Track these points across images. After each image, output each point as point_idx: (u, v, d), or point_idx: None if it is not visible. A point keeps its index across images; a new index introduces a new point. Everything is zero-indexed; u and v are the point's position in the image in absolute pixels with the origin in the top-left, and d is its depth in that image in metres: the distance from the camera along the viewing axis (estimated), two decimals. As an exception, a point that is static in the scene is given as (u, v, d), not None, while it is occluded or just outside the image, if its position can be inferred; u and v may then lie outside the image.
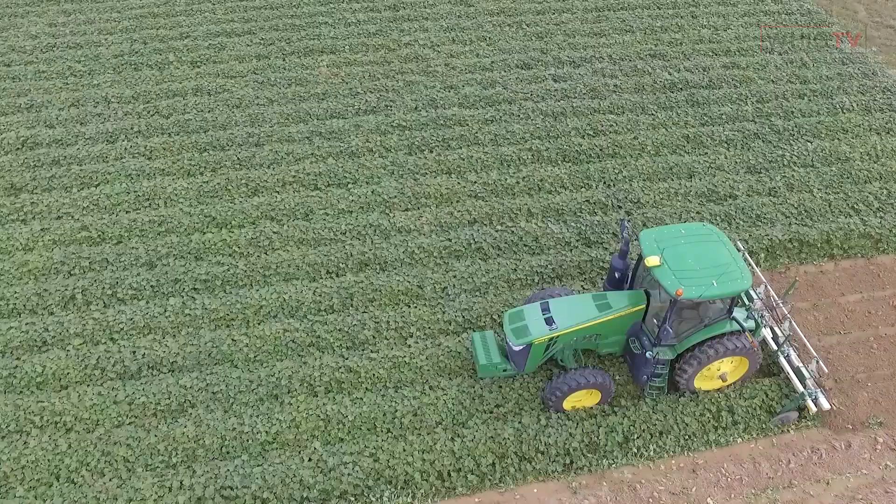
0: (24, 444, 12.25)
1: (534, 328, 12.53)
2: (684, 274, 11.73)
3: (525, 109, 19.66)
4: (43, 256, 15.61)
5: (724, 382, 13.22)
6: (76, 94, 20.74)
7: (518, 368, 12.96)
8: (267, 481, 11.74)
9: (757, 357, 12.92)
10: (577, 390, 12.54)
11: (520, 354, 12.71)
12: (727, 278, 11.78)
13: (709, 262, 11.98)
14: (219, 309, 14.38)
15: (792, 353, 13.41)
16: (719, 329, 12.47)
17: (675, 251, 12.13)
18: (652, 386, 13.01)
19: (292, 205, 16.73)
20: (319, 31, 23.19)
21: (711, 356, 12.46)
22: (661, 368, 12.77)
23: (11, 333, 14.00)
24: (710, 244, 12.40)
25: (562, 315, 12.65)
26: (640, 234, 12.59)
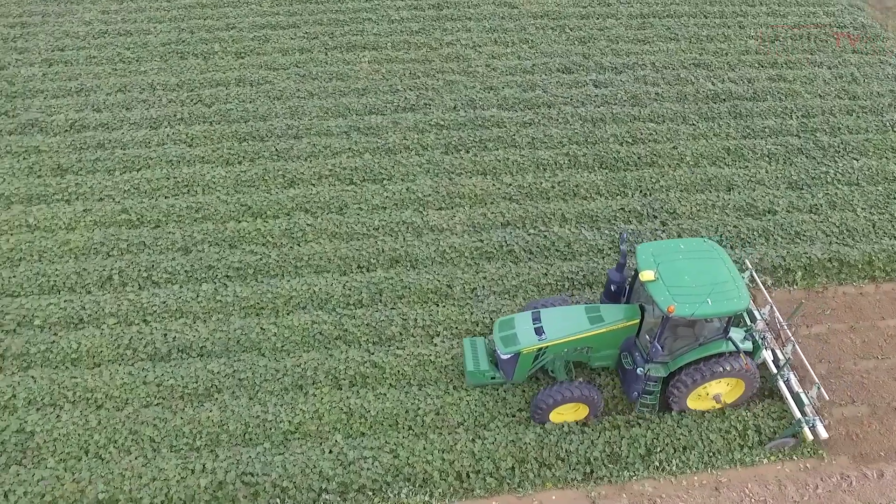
0: (56, 418, 12.58)
1: (523, 337, 12.36)
2: (679, 290, 11.41)
3: (564, 114, 19.53)
4: (84, 236, 16.00)
5: (718, 404, 12.82)
6: (124, 79, 21.22)
7: (507, 377, 12.81)
8: (287, 470, 11.87)
9: (754, 380, 12.49)
10: (563, 403, 12.31)
11: (508, 363, 12.55)
12: (723, 297, 11.41)
13: (706, 280, 11.60)
14: (249, 297, 14.58)
15: (792, 377, 12.95)
16: (714, 349, 12.08)
17: (671, 266, 11.80)
18: (643, 403, 12.74)
19: (327, 198, 16.88)
20: (363, 27, 23.35)
21: (704, 377, 12.11)
22: (652, 386, 12.49)
23: (51, 309, 14.39)
24: (709, 261, 12.02)
25: (552, 325, 12.45)
26: (638, 247, 12.32)
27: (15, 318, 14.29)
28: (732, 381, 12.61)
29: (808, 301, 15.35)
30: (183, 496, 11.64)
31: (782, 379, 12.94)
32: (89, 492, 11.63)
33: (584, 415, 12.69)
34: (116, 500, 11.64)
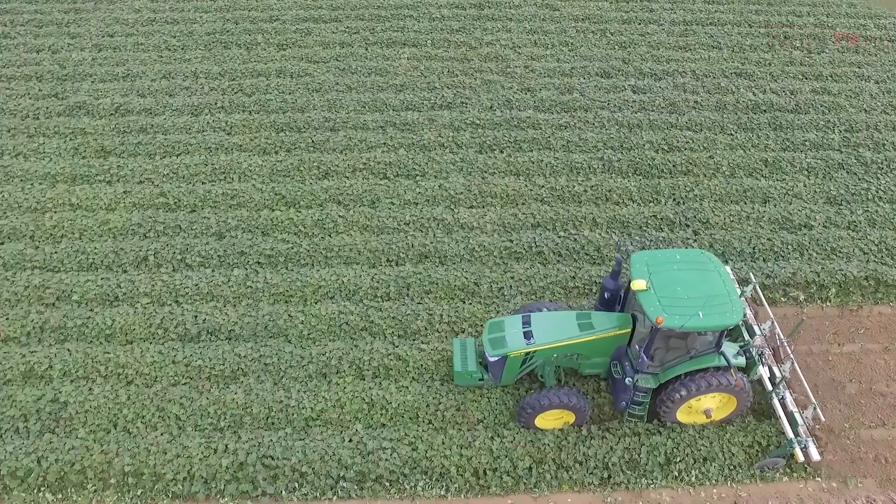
0: (89, 391, 12.97)
1: (511, 341, 12.30)
2: (670, 301, 11.22)
3: (600, 118, 19.45)
4: (123, 217, 16.43)
5: (708, 419, 12.59)
6: (168, 66, 21.71)
7: (494, 380, 12.77)
8: (307, 456, 12.06)
9: (746, 396, 12.24)
10: (548, 409, 12.22)
11: (496, 366, 12.51)
12: (715, 310, 11.18)
13: (699, 292, 11.39)
14: (279, 284, 14.83)
15: (788, 396, 12.60)
16: (705, 363, 11.87)
17: (664, 277, 11.62)
18: (631, 413, 12.59)
19: (360, 191, 17.07)
20: (404, 23, 23.53)
21: (692, 391, 11.92)
22: (642, 397, 12.32)
23: (88, 286, 14.82)
24: (704, 273, 11.79)
25: (541, 330, 12.36)
26: (633, 255, 12.15)
27: (55, 293, 14.76)
28: (724, 396, 12.36)
29: (842, 319, 15.08)
30: (205, 474, 11.91)
31: (777, 397, 12.60)
32: (116, 463, 11.97)
33: (570, 422, 12.59)
34: (141, 474, 11.96)
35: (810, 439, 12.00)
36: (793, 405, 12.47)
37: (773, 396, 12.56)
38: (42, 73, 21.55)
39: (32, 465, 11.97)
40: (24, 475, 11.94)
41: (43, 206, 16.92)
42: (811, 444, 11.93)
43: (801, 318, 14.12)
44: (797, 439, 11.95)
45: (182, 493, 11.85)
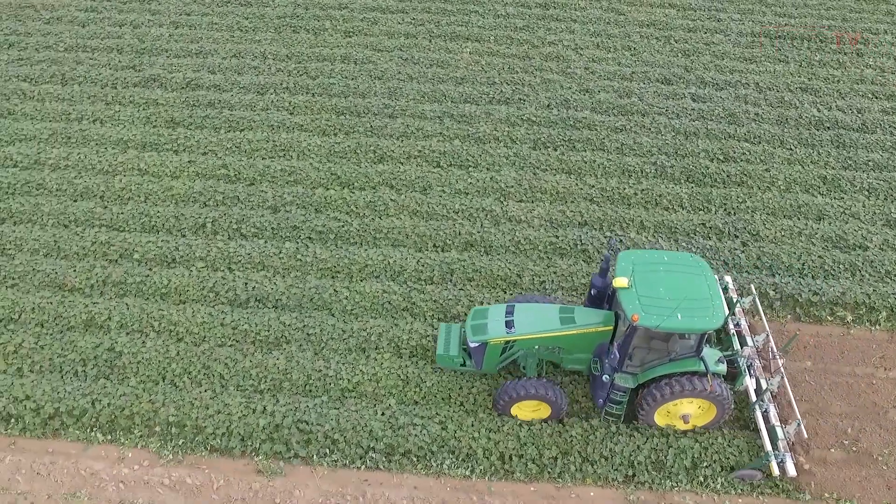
0: (142, 343, 13.71)
1: (492, 328, 12.47)
2: (650, 301, 11.18)
3: (657, 124, 19.41)
4: (186, 185, 17.22)
5: (686, 424, 12.51)
6: (239, 46, 22.56)
7: (476, 366, 12.94)
8: (340, 424, 12.50)
9: (725, 404, 12.11)
10: (523, 399, 12.32)
11: (477, 352, 12.71)
12: (695, 313, 11.09)
13: (681, 294, 11.30)
14: (328, 260, 15.34)
15: (772, 409, 12.44)
16: (684, 366, 11.78)
17: (648, 276, 11.57)
18: (608, 412, 12.58)
19: (413, 177, 17.47)
20: (468, 18, 23.87)
21: (667, 395, 11.86)
22: (620, 396, 12.29)
23: (149, 246, 15.62)
24: (689, 276, 11.69)
25: (523, 321, 12.46)
26: (620, 253, 12.13)
27: (118, 250, 15.61)
28: (705, 403, 12.26)
29: (892, 344, 14.76)
30: (242, 432, 12.48)
31: (760, 409, 12.45)
32: (161, 413, 12.65)
33: (547, 415, 12.64)
34: (184, 425, 12.61)
35: (788, 454, 11.85)
36: (775, 419, 12.34)
37: (756, 408, 12.44)
38: (122, 45, 22.65)
39: (87, 406, 12.75)
40: (80, 414, 12.73)
41: (114, 170, 17.86)
42: (788, 459, 11.79)
43: (795, 332, 13.93)
44: (774, 453, 11.82)
45: (220, 447, 12.45)
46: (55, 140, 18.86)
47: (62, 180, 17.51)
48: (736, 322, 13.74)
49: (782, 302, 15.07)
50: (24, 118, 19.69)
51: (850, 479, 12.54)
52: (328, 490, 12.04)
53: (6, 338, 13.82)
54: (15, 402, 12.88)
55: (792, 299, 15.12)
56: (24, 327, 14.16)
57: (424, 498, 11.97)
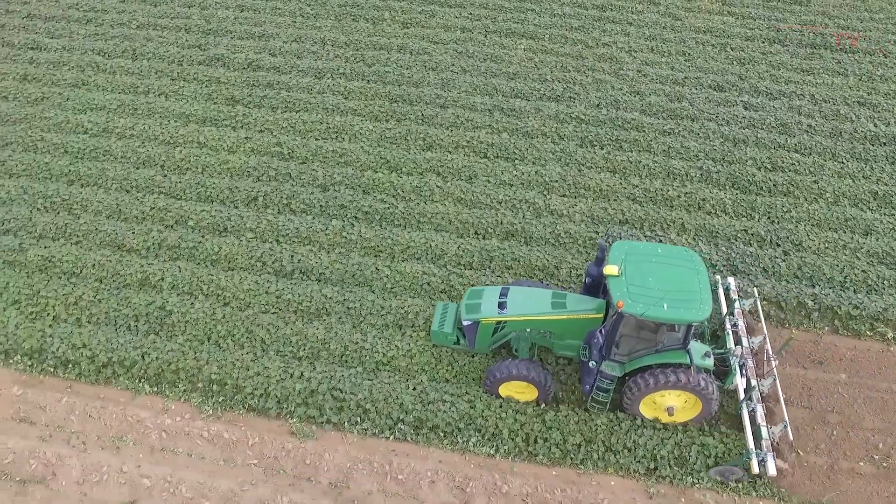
0: (191, 305, 14.42)
1: (485, 308, 12.75)
2: (637, 290, 11.28)
3: (706, 129, 19.40)
4: (241, 160, 17.96)
5: (670, 417, 12.60)
6: (300, 31, 23.29)
7: (469, 345, 13.26)
8: (372, 395, 12.97)
9: (710, 400, 12.16)
10: (510, 379, 12.56)
11: (469, 330, 13.03)
12: (681, 304, 11.18)
13: (670, 286, 11.38)
14: (371, 239, 15.85)
15: (759, 409, 12.41)
16: (669, 358, 11.87)
17: (639, 266, 11.68)
18: (595, 399, 12.68)
19: (459, 166, 17.87)
20: (525, 16, 24.15)
21: (650, 385, 11.98)
22: (606, 384, 12.39)
23: (203, 215, 16.38)
24: (681, 269, 11.74)
25: (515, 303, 12.70)
26: (615, 243, 12.25)
27: (174, 217, 16.41)
28: (691, 398, 12.33)
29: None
30: (279, 394, 13.06)
31: (747, 408, 12.47)
32: (205, 370, 13.32)
33: (534, 397, 12.87)
34: (224, 384, 13.25)
35: (770, 454, 11.87)
36: (762, 419, 12.35)
37: (743, 407, 12.48)
38: (190, 25, 23.61)
39: (137, 359, 13.50)
40: (130, 366, 13.50)
41: (175, 141, 18.72)
42: (770, 459, 11.80)
43: (790, 336, 13.98)
44: (756, 451, 11.85)
45: (257, 406, 13.05)
46: (123, 110, 19.84)
47: (127, 148, 18.44)
48: (733, 322, 13.83)
49: (820, 313, 14.98)
50: (96, 89, 20.75)
51: (878, 493, 12.48)
52: (356, 456, 12.52)
53: (68, 290, 14.71)
54: (73, 348, 13.72)
55: (830, 311, 15.02)
56: (85, 281, 15.04)
57: (448, 472, 12.35)
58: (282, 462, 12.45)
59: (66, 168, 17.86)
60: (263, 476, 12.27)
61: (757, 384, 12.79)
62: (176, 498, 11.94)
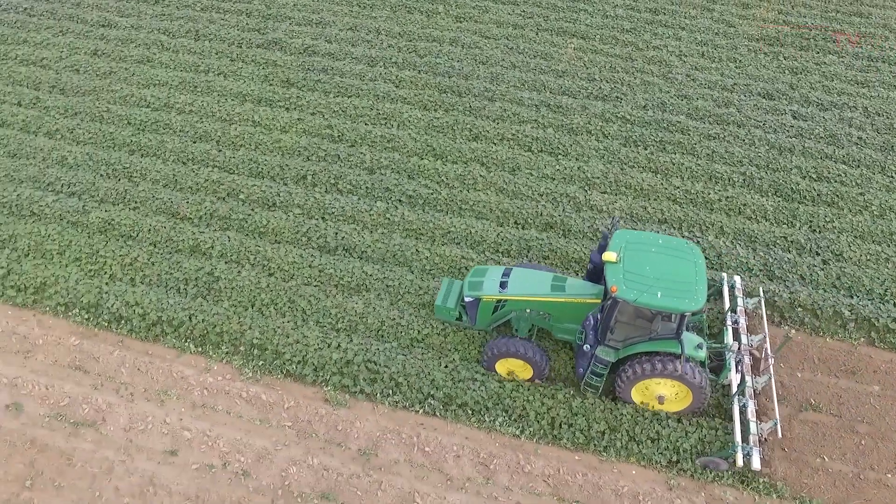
0: (237, 273, 15.10)
1: (487, 286, 13.12)
2: (633, 277, 11.48)
3: (752, 136, 19.37)
4: (293, 139, 18.62)
5: (661, 405, 12.83)
6: (356, 21, 23.92)
7: (471, 322, 13.63)
8: (405, 369, 13.44)
9: (700, 391, 12.34)
10: (507, 356, 12.93)
11: (471, 307, 13.41)
12: (675, 294, 11.35)
13: (666, 275, 11.57)
14: (414, 222, 16.32)
15: (751, 405, 12.54)
16: (662, 346, 12.06)
17: (638, 255, 11.90)
18: (588, 383, 12.94)
19: (503, 157, 18.23)
20: (577, 16, 24.36)
21: (639, 373, 12.21)
22: (600, 368, 12.61)
23: (253, 189, 17.07)
24: (680, 260, 11.91)
25: (516, 283, 13.03)
26: (616, 232, 12.41)
27: (226, 189, 17.14)
28: (682, 389, 12.52)
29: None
30: (316, 363, 13.62)
31: (738, 403, 12.60)
32: (247, 335, 13.96)
33: (529, 375, 13.23)
34: (265, 349, 13.88)
35: (757, 448, 12.03)
36: (752, 415, 12.49)
37: (735, 401, 12.62)
38: (251, 10, 24.44)
39: (185, 319, 14.22)
40: (178, 325, 14.22)
41: (231, 119, 19.49)
42: (755, 453, 11.96)
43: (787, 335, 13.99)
44: (742, 445, 12.03)
45: (294, 372, 13.64)
46: (183, 87, 20.72)
47: (185, 123, 19.27)
48: (734, 319, 13.95)
49: (857, 324, 14.93)
50: (160, 66, 21.69)
51: (903, 504, 12.46)
52: (386, 426, 13.01)
53: (125, 251, 15.53)
54: (126, 306, 14.51)
55: (868, 322, 14.96)
56: (140, 245, 15.85)
57: (474, 448, 12.74)
58: (314, 426, 13.00)
59: (128, 138, 18.77)
60: (296, 438, 12.83)
61: (751, 381, 12.96)
62: (213, 451, 12.59)
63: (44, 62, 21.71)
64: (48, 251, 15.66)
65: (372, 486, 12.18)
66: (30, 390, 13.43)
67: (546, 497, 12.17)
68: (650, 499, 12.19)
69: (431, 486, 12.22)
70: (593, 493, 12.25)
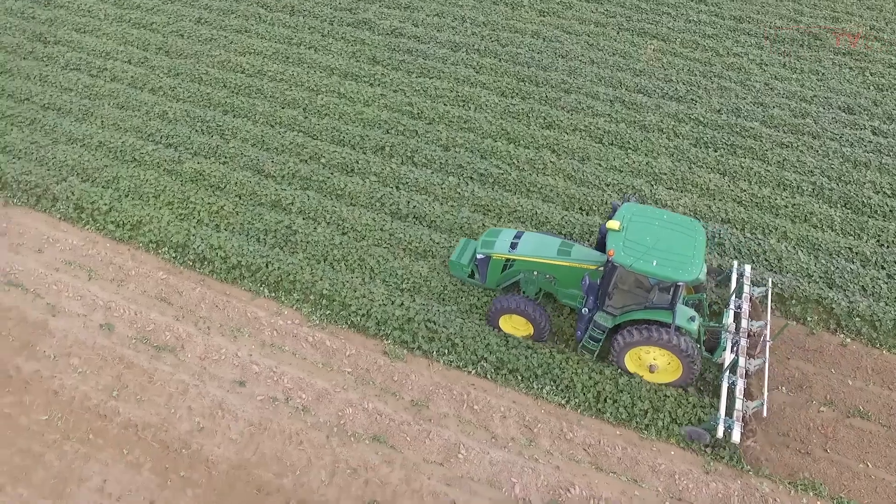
0: (313, 229, 16.15)
1: (498, 245, 13.84)
2: (633, 245, 11.90)
3: (826, 148, 19.32)
4: (374, 113, 19.61)
5: (651, 374, 13.22)
6: (443, 7, 24.78)
7: (481, 280, 14.30)
8: (462, 332, 14.17)
9: (691, 363, 12.71)
10: (511, 312, 13.55)
11: (482, 264, 14.09)
12: (671, 263, 11.73)
13: (665, 245, 12.00)
14: (482, 199, 17.05)
15: (740, 383, 12.83)
16: (655, 315, 12.51)
17: (641, 226, 12.30)
18: (585, 346, 13.50)
19: (574, 147, 18.76)
20: (660, 19, 24.60)
21: (631, 339, 12.66)
22: (598, 333, 13.11)
23: (334, 155, 18.13)
24: (681, 233, 12.28)
25: (526, 245, 13.69)
26: (625, 204, 12.80)
27: (309, 153, 18.26)
28: (674, 360, 12.90)
29: None
30: (379, 317, 14.50)
31: (728, 381, 12.90)
32: (318, 285, 14.97)
33: (529, 334, 13.89)
34: (333, 300, 14.85)
35: (738, 423, 12.39)
36: (740, 393, 12.81)
37: (724, 379, 12.92)
38: (344, -10, 25.62)
39: (262, 265, 15.34)
40: (255, 271, 15.36)
41: (318, 89, 20.64)
42: (736, 427, 12.35)
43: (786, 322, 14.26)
44: (724, 418, 12.41)
45: (358, 324, 14.56)
46: (276, 57, 22.00)
47: (276, 90, 20.51)
48: (738, 304, 14.26)
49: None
50: (256, 36, 23.06)
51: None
52: (438, 382, 13.78)
53: (212, 200, 16.80)
54: (210, 248, 15.73)
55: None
56: (227, 195, 17.10)
57: (519, 412, 13.38)
58: (372, 375, 13.89)
59: (223, 100, 20.13)
60: (354, 383, 13.74)
61: (744, 362, 13.31)
62: (278, 385, 13.62)
63: (153, 26, 23.38)
64: (145, 194, 17.06)
65: (420, 434, 12.97)
66: (121, 314, 14.77)
67: (584, 465, 12.72)
68: (687, 479, 12.58)
69: (476, 441, 12.93)
70: (630, 467, 12.72)
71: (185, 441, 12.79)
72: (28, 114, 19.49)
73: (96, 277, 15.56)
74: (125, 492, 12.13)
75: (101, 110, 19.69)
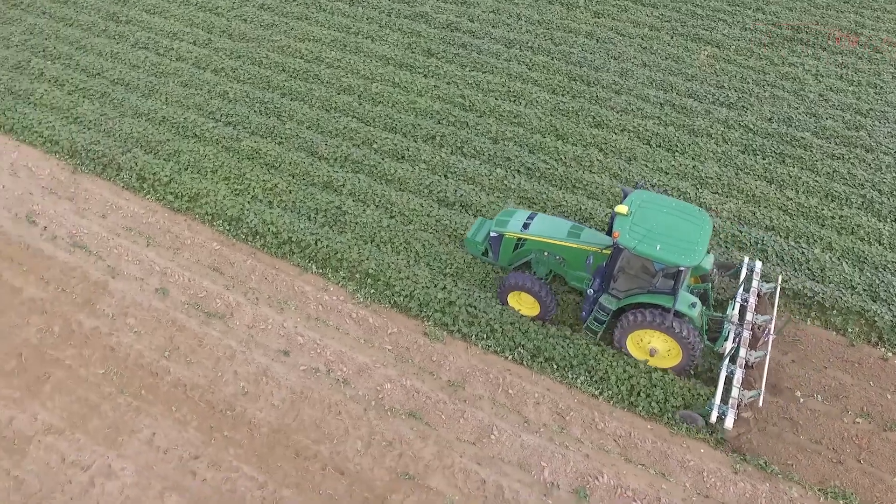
0: (362, 210, 16.68)
1: (511, 225, 14.26)
2: (638, 228, 12.15)
3: (880, 162, 19.12)
4: (427, 103, 20.06)
5: (652, 358, 13.44)
6: (499, 5, 25.12)
7: (494, 258, 14.68)
8: (502, 317, 14.52)
9: (691, 349, 12.89)
10: (520, 290, 13.94)
11: (495, 242, 14.47)
12: (674, 248, 11.97)
13: (670, 231, 12.24)
14: (528, 191, 17.36)
15: (738, 373, 13.06)
16: (657, 300, 12.73)
17: (648, 212, 12.56)
18: (589, 326, 13.79)
19: (622, 147, 18.94)
20: (715, 26, 24.54)
21: (632, 322, 12.94)
22: (602, 315, 13.34)
23: (386, 141, 18.64)
24: (686, 221, 12.52)
25: (538, 226, 14.09)
26: (635, 191, 13.04)
27: (362, 138, 18.80)
28: (675, 346, 13.08)
29: None
30: (422, 299, 14.94)
31: (726, 370, 13.11)
32: (364, 265, 15.48)
33: (536, 313, 14.23)
34: (378, 279, 15.33)
35: (733, 410, 12.65)
36: (737, 382, 13.04)
37: (723, 367, 13.14)
38: (402, -16, 26.15)
39: (311, 242, 15.91)
40: (304, 247, 15.94)
41: (373, 77, 21.18)
42: (730, 414, 12.64)
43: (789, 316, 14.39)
44: (719, 405, 12.70)
45: (400, 304, 15.01)
46: (334, 45, 22.62)
47: (332, 76, 21.13)
48: (745, 297, 14.39)
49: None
50: (316, 24, 23.73)
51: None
52: (475, 365, 14.15)
53: (267, 177, 17.46)
54: (263, 223, 16.37)
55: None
56: (281, 174, 17.73)
57: (553, 399, 13.67)
58: (412, 353, 14.33)
59: (281, 83, 20.81)
60: (394, 361, 14.20)
61: (745, 353, 13.52)
62: (321, 357, 14.16)
63: (218, 10, 24.24)
64: (203, 168, 17.80)
65: (455, 414, 13.36)
66: (175, 280, 15.49)
67: (614, 455, 12.95)
68: (715, 477, 12.72)
69: (509, 424, 13.27)
70: (659, 461, 12.91)
71: (229, 403, 13.40)
72: (99, 88, 20.46)
73: (154, 244, 16.32)
74: (172, 446, 12.79)
75: (166, 87, 20.55)
